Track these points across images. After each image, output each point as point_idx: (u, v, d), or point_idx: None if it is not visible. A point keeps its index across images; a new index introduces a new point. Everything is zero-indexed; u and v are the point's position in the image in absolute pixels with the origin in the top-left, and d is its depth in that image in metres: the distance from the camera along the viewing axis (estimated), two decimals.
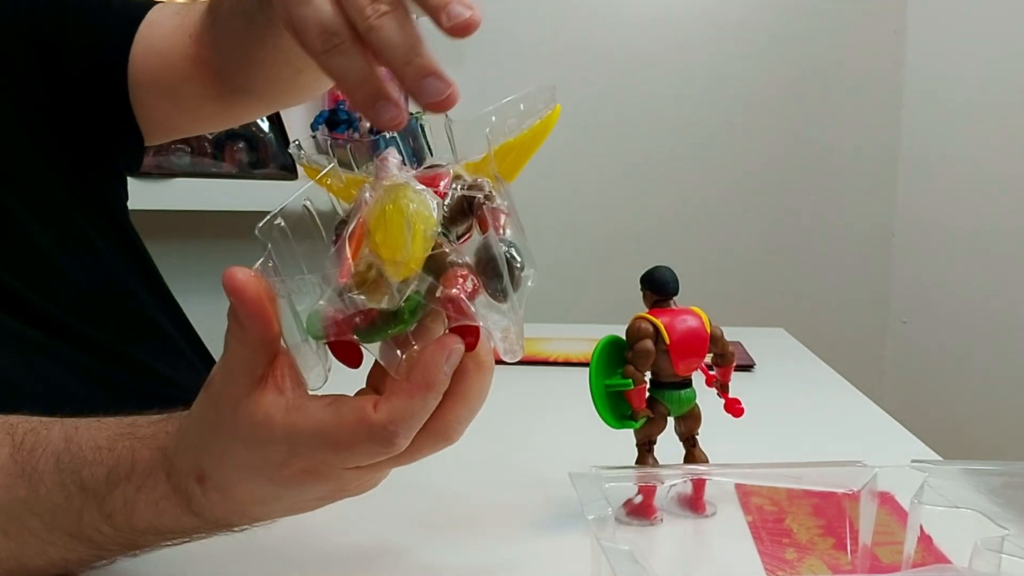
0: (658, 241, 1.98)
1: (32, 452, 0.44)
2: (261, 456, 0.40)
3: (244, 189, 1.42)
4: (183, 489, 0.42)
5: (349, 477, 0.41)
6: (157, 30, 0.70)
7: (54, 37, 0.68)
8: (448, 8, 0.41)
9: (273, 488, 0.41)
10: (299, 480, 0.40)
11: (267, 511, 0.44)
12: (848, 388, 0.97)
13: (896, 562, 0.47)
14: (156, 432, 0.44)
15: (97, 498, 0.43)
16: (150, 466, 0.43)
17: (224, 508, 0.43)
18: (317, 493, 0.42)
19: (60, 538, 0.44)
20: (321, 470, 0.40)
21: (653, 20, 1.94)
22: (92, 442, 0.44)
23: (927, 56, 2.00)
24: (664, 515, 0.55)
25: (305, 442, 0.39)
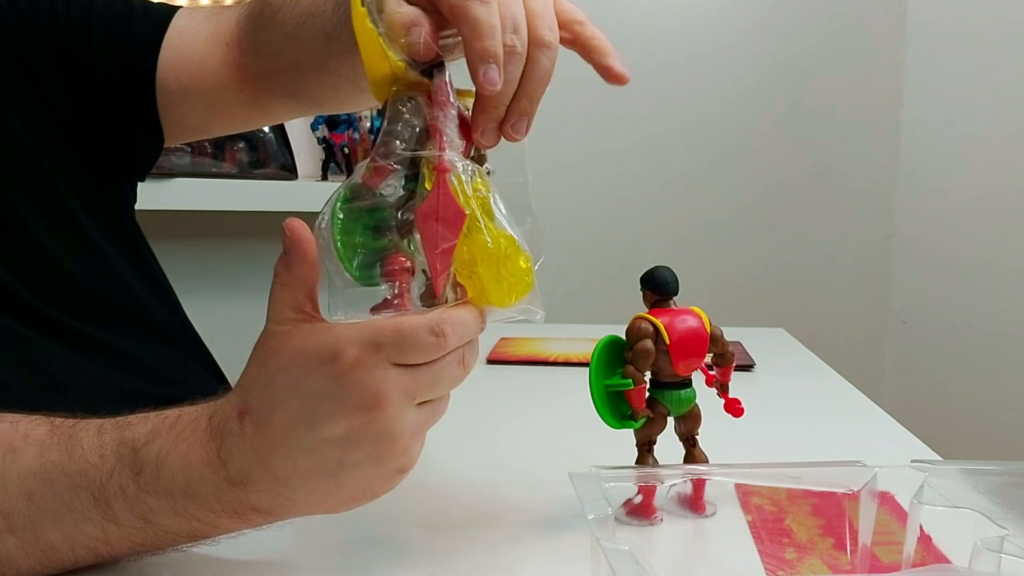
0: (658, 241, 1.98)
1: (73, 427, 0.47)
2: (313, 358, 0.43)
3: (244, 189, 1.42)
4: (220, 430, 0.44)
5: (393, 411, 0.43)
6: (189, 39, 0.71)
7: (77, 45, 0.68)
8: (611, 64, 0.52)
9: (314, 401, 0.43)
10: (342, 379, 0.42)
11: (294, 460, 0.44)
12: (848, 388, 0.97)
13: (896, 562, 0.47)
14: (209, 399, 0.47)
15: (133, 451, 0.45)
16: (194, 416, 0.46)
17: (254, 450, 0.44)
18: (351, 407, 0.43)
19: (81, 500, 0.45)
20: (367, 364, 0.42)
21: (654, 23, 1.94)
22: (137, 414, 0.47)
23: (927, 57, 2.00)
24: (664, 515, 0.55)
25: (352, 338, 0.43)
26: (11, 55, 0.66)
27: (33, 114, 0.67)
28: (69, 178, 0.69)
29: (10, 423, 0.47)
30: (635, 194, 1.98)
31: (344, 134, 1.54)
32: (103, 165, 0.72)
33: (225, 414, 0.45)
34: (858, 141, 2.03)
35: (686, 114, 1.98)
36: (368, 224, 0.47)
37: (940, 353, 2.03)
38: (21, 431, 0.46)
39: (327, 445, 0.43)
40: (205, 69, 0.70)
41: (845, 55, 2.01)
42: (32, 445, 0.46)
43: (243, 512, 0.45)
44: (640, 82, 2.07)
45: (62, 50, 0.68)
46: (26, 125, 0.67)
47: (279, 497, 0.45)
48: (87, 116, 0.69)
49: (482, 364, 1.06)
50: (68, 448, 0.45)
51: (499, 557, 0.52)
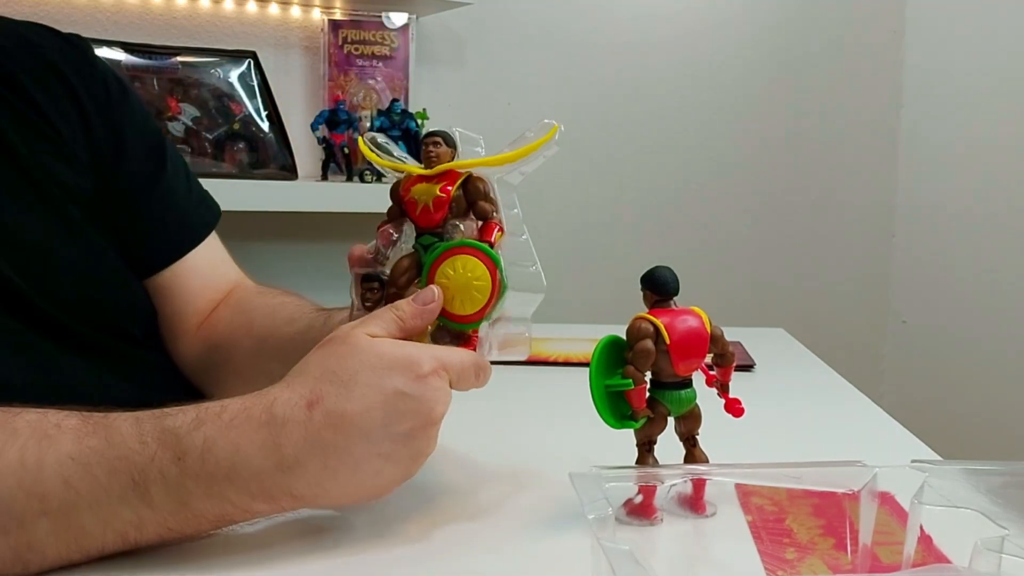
0: (659, 241, 1.98)
1: (106, 417, 0.48)
2: (403, 367, 0.49)
3: (244, 189, 1.42)
4: (282, 416, 0.48)
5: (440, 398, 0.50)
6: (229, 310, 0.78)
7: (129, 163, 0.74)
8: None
9: (393, 401, 0.49)
10: (423, 393, 0.49)
11: (351, 449, 0.48)
12: (848, 388, 0.97)
13: (896, 562, 0.47)
14: (252, 394, 0.50)
15: (176, 438, 0.47)
16: (245, 406, 0.49)
17: (317, 438, 0.48)
18: (418, 420, 0.49)
19: (119, 483, 0.46)
20: (445, 390, 0.51)
21: (654, 23, 1.94)
22: (173, 407, 0.49)
23: (927, 56, 2.00)
24: (664, 515, 0.55)
25: (430, 355, 0.50)
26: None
27: (78, 167, 0.71)
28: (86, 209, 0.72)
29: (39, 414, 0.48)
30: (635, 194, 1.98)
31: (344, 134, 1.54)
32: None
33: (291, 403, 0.48)
34: (858, 142, 2.03)
35: (686, 115, 1.98)
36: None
37: (940, 353, 2.03)
38: (52, 420, 0.47)
39: (388, 438, 0.49)
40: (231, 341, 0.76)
41: (845, 56, 2.01)
42: (67, 432, 0.47)
43: (278, 497, 0.48)
44: (640, 83, 2.07)
45: (116, 152, 0.74)
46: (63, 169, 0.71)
47: (320, 486, 0.48)
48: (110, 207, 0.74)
49: None
50: (106, 435, 0.47)
51: (499, 557, 0.52)
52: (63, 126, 0.70)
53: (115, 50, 1.42)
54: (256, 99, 1.52)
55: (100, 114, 0.73)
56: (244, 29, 1.62)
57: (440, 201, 0.56)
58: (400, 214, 0.58)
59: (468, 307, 0.55)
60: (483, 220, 0.56)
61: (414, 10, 1.63)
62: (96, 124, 0.72)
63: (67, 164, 0.70)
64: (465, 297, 0.55)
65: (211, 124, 1.48)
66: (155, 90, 1.44)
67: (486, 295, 0.55)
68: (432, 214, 0.56)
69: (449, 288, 0.55)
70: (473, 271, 0.55)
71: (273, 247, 1.61)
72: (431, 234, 0.57)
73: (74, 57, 0.73)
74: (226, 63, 1.51)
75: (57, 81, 0.71)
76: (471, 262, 0.55)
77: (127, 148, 0.74)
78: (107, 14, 1.53)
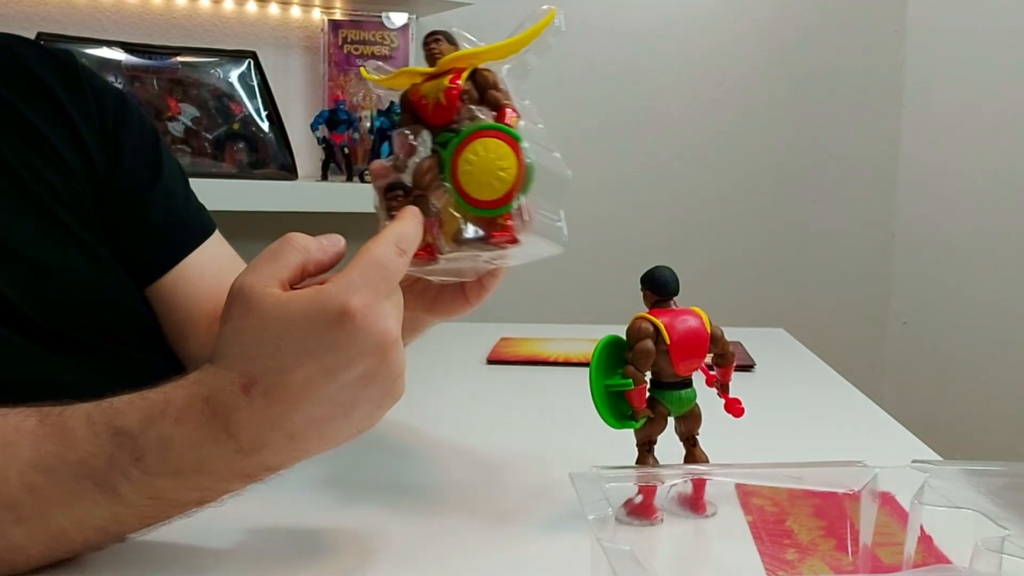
0: (658, 241, 1.98)
1: (61, 415, 0.47)
2: (321, 321, 0.45)
3: (244, 189, 1.42)
4: (223, 408, 0.45)
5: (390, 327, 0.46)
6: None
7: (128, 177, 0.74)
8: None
9: (331, 356, 0.45)
10: (355, 331, 0.45)
11: (310, 412, 0.45)
12: (848, 388, 0.97)
13: (897, 563, 0.47)
14: (185, 377, 0.47)
15: (130, 439, 0.45)
16: (186, 399, 0.46)
17: (267, 417, 0.45)
18: (369, 351, 0.45)
19: (86, 488, 0.45)
20: (372, 308, 0.45)
21: (653, 22, 1.94)
22: (122, 399, 0.47)
23: (927, 57, 2.00)
24: (664, 515, 0.55)
25: (350, 289, 0.45)
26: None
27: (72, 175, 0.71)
28: (84, 223, 0.72)
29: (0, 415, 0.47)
30: (635, 194, 1.98)
31: (344, 134, 1.54)
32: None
33: (225, 391, 0.45)
34: (858, 142, 2.03)
35: (686, 115, 1.98)
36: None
37: (940, 353, 2.03)
38: (12, 423, 0.47)
39: (344, 389, 0.46)
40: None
41: (845, 56, 2.01)
42: (26, 437, 0.46)
43: (254, 473, 0.47)
44: (639, 82, 2.07)
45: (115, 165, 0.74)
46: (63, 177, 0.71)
47: (293, 451, 0.47)
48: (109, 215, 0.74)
49: (482, 364, 1.06)
50: (63, 438, 0.46)
51: (499, 557, 0.52)
52: (52, 136, 0.70)
53: (115, 50, 1.42)
54: (256, 99, 1.52)
55: (89, 125, 0.73)
56: (244, 29, 1.62)
57: (451, 93, 0.54)
58: (413, 121, 0.56)
59: (497, 188, 0.52)
60: (495, 108, 0.54)
61: (414, 10, 1.63)
62: (86, 135, 0.72)
63: (57, 172, 0.70)
64: (492, 179, 0.52)
65: (211, 124, 1.48)
66: (155, 90, 1.44)
67: (512, 174, 0.52)
68: (445, 108, 0.54)
69: (474, 173, 0.53)
70: (496, 151, 0.53)
71: None
72: (447, 131, 0.55)
73: (59, 70, 0.73)
74: (226, 63, 1.51)
75: (41, 93, 0.71)
76: (492, 143, 0.53)
77: (124, 156, 0.74)
78: (107, 14, 1.53)
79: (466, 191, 0.53)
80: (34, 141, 0.70)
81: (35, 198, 0.69)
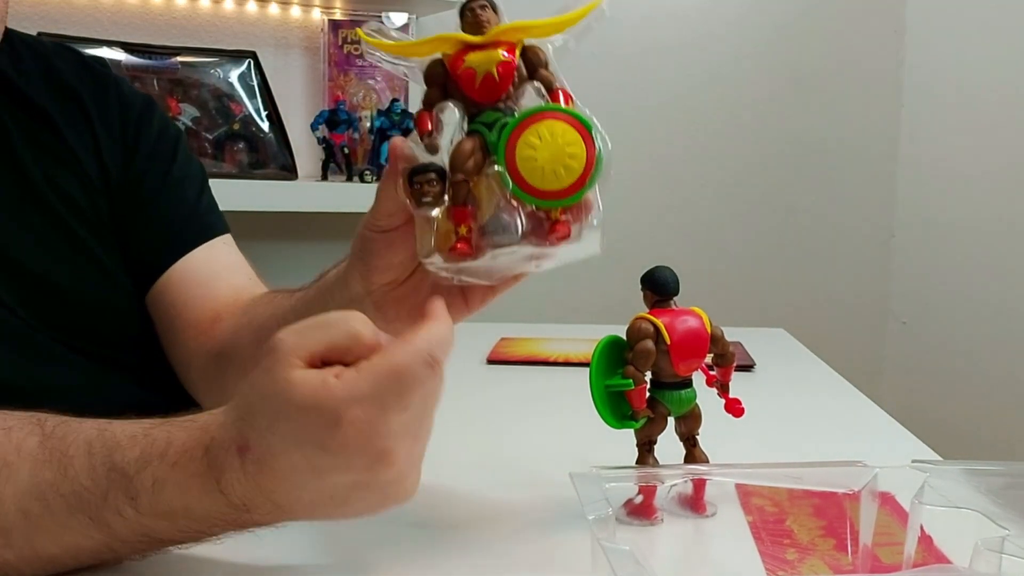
0: (658, 241, 1.98)
1: (63, 440, 0.46)
2: (314, 420, 0.41)
3: (244, 189, 1.42)
4: (219, 463, 0.43)
5: (393, 451, 0.42)
6: (256, 308, 0.71)
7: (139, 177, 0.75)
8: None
9: (318, 458, 0.42)
10: (346, 443, 0.41)
11: (299, 495, 0.43)
12: (848, 388, 0.97)
13: (897, 562, 0.47)
14: (196, 418, 0.46)
15: (126, 478, 0.44)
16: (186, 444, 0.44)
17: (256, 485, 0.43)
18: (359, 467, 0.42)
19: (79, 522, 0.44)
20: (372, 423, 0.41)
21: (652, 21, 1.94)
22: (126, 431, 0.46)
23: (927, 56, 2.00)
24: (664, 515, 0.55)
25: (352, 398, 0.41)
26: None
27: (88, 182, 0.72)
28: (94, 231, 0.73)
29: (2, 432, 0.46)
30: (635, 194, 1.97)
31: (344, 134, 1.54)
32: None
33: (224, 447, 0.44)
34: (858, 142, 2.03)
35: (685, 114, 1.98)
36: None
37: (940, 353, 2.03)
38: (14, 443, 0.46)
39: (334, 489, 0.43)
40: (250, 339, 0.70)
41: (845, 56, 2.01)
42: (26, 460, 0.45)
43: (245, 526, 0.46)
44: (639, 81, 2.06)
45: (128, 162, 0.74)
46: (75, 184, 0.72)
47: (282, 517, 0.45)
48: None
49: (482, 364, 1.06)
50: (61, 467, 0.45)
51: (499, 557, 0.52)
52: (77, 145, 0.72)
53: (115, 50, 1.42)
54: (256, 99, 1.52)
55: (111, 135, 0.74)
56: (244, 29, 1.62)
57: (507, 67, 0.48)
58: (442, 97, 0.50)
59: (563, 178, 0.47)
60: (548, 89, 0.50)
61: (414, 10, 1.63)
62: (104, 145, 0.73)
63: (77, 181, 0.71)
64: (559, 167, 0.47)
65: (211, 124, 1.48)
66: (155, 90, 1.44)
67: (581, 162, 0.47)
68: (497, 83, 0.48)
69: (537, 160, 0.47)
70: (564, 136, 0.48)
71: (273, 247, 1.61)
72: (493, 111, 0.49)
73: (91, 79, 0.75)
74: (226, 63, 1.51)
75: (73, 100, 0.72)
76: (559, 127, 0.48)
77: (136, 161, 0.75)
78: (107, 14, 1.53)
79: (526, 179, 0.48)
80: (57, 149, 0.71)
81: (51, 210, 0.69)
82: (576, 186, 0.48)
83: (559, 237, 0.49)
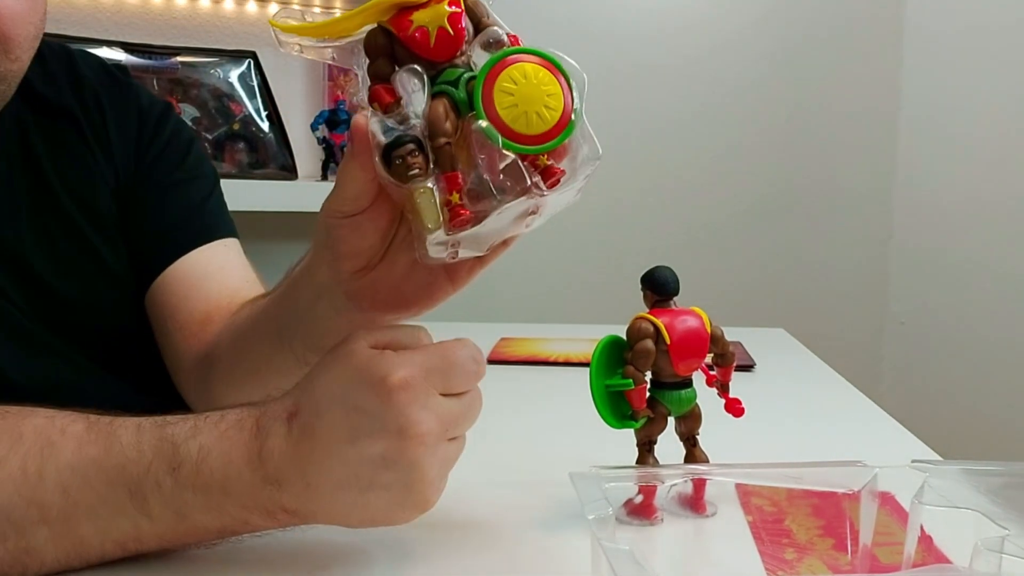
0: (658, 241, 1.98)
1: (111, 423, 0.48)
2: (364, 378, 0.45)
3: (244, 189, 1.42)
4: (265, 430, 0.46)
5: (434, 427, 0.45)
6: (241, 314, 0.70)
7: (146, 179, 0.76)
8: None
9: (357, 417, 0.44)
10: (387, 403, 0.44)
11: (330, 468, 0.45)
12: (848, 388, 0.97)
13: (896, 562, 0.47)
14: (254, 400, 0.49)
15: (173, 447, 0.46)
16: (240, 416, 0.47)
17: (295, 453, 0.45)
18: (391, 432, 0.44)
19: (117, 496, 0.46)
20: (414, 391, 0.44)
21: (652, 22, 1.94)
22: (176, 415, 0.48)
23: (925, 58, 2.00)
24: (664, 515, 0.55)
25: (403, 362, 0.45)
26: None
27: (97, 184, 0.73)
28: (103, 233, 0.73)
29: (46, 418, 0.48)
30: (635, 194, 1.98)
31: (344, 134, 1.54)
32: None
33: (275, 415, 0.46)
34: (856, 142, 2.03)
35: (685, 114, 1.98)
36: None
37: (939, 353, 2.03)
38: (58, 426, 0.47)
39: (362, 462, 0.45)
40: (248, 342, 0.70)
41: (843, 56, 2.01)
42: (70, 440, 0.46)
43: (273, 511, 0.47)
44: (639, 82, 2.06)
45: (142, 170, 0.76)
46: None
47: (308, 502, 0.46)
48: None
49: None
50: (106, 444, 0.46)
51: (499, 557, 0.52)
52: (97, 151, 0.73)
53: (115, 50, 1.42)
54: (256, 99, 1.52)
55: (124, 141, 0.75)
56: (244, 29, 1.62)
57: (457, 18, 0.46)
58: (392, 67, 0.47)
59: (546, 118, 0.46)
60: (499, 37, 0.48)
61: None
62: (119, 150, 0.74)
63: (96, 187, 0.72)
64: (540, 107, 0.46)
65: (211, 124, 1.48)
66: (155, 90, 1.44)
67: (561, 100, 0.46)
68: (453, 37, 0.46)
69: (517, 104, 0.45)
70: (537, 76, 0.46)
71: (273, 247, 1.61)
72: (452, 67, 0.47)
73: (111, 85, 0.76)
74: (226, 63, 1.51)
75: (96, 109, 0.74)
76: (531, 68, 0.46)
77: (143, 164, 0.76)
78: (107, 14, 1.53)
79: (509, 126, 0.45)
80: (77, 151, 0.72)
81: (66, 214, 0.70)
82: (562, 123, 0.46)
83: (556, 181, 0.46)
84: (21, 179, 0.69)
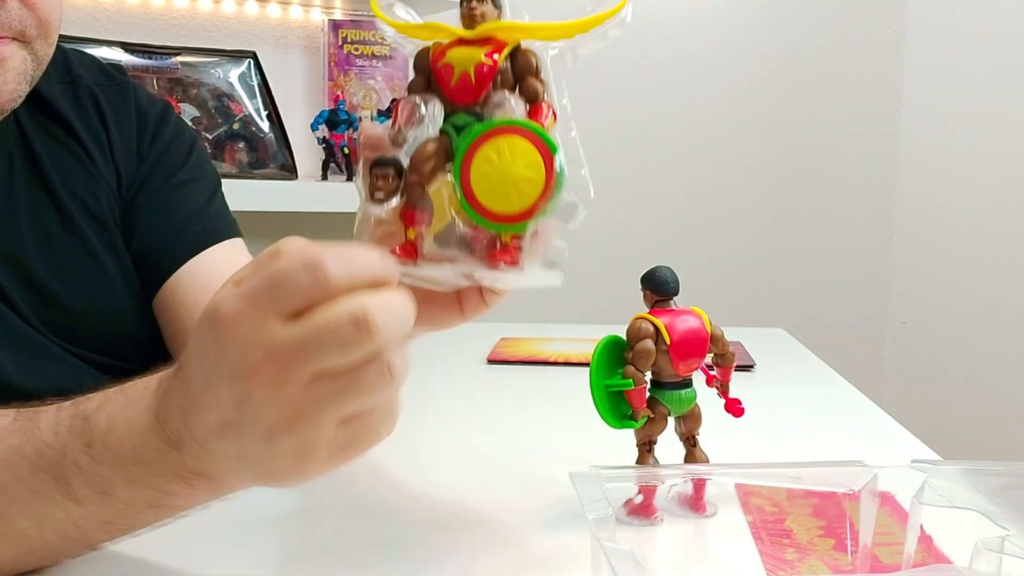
0: (658, 241, 1.98)
1: (35, 412, 0.46)
2: (206, 317, 0.40)
3: (244, 189, 1.42)
4: (163, 388, 0.43)
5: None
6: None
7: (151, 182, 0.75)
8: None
9: (209, 358, 0.40)
10: (223, 341, 0.39)
11: (206, 416, 0.40)
12: (848, 388, 0.97)
13: (896, 562, 0.47)
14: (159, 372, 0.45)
15: (85, 422, 0.44)
16: (148, 380, 0.44)
17: (179, 407, 0.41)
18: (238, 374, 0.39)
19: (44, 483, 0.44)
20: (245, 323, 0.38)
21: (652, 21, 1.94)
22: (99, 391, 0.46)
23: (927, 56, 2.00)
24: (664, 515, 0.55)
25: (229, 294, 0.39)
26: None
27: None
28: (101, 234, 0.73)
29: None
30: (635, 194, 1.98)
31: (344, 134, 1.54)
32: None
33: (170, 373, 0.43)
34: (858, 142, 2.03)
35: (685, 114, 1.98)
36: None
37: (940, 353, 2.03)
38: None
39: (221, 406, 0.39)
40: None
41: (845, 56, 2.01)
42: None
43: (186, 476, 0.43)
44: (639, 82, 2.06)
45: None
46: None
47: (204, 460, 0.42)
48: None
49: (482, 364, 1.06)
50: (26, 432, 0.45)
51: (499, 557, 0.52)
52: (96, 154, 0.73)
53: (115, 50, 1.42)
54: (256, 99, 1.52)
55: (125, 142, 0.74)
56: (244, 29, 1.62)
57: (485, 70, 0.45)
58: (426, 88, 0.47)
59: (514, 202, 0.44)
60: (532, 101, 0.46)
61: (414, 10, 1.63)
62: (120, 152, 0.74)
63: (97, 190, 0.72)
64: (511, 189, 0.44)
65: (211, 124, 1.48)
66: (155, 90, 1.44)
67: (538, 188, 0.44)
68: (472, 86, 0.45)
69: (492, 178, 0.44)
70: (523, 156, 0.44)
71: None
72: (467, 113, 0.45)
73: (110, 88, 0.76)
74: (226, 63, 1.51)
75: (95, 111, 0.74)
76: (520, 145, 0.44)
77: (145, 166, 0.75)
78: (107, 14, 1.53)
79: (476, 196, 0.44)
80: (77, 154, 0.72)
81: (69, 217, 0.70)
82: (526, 214, 0.44)
83: (502, 263, 0.45)
84: (21, 179, 0.69)
